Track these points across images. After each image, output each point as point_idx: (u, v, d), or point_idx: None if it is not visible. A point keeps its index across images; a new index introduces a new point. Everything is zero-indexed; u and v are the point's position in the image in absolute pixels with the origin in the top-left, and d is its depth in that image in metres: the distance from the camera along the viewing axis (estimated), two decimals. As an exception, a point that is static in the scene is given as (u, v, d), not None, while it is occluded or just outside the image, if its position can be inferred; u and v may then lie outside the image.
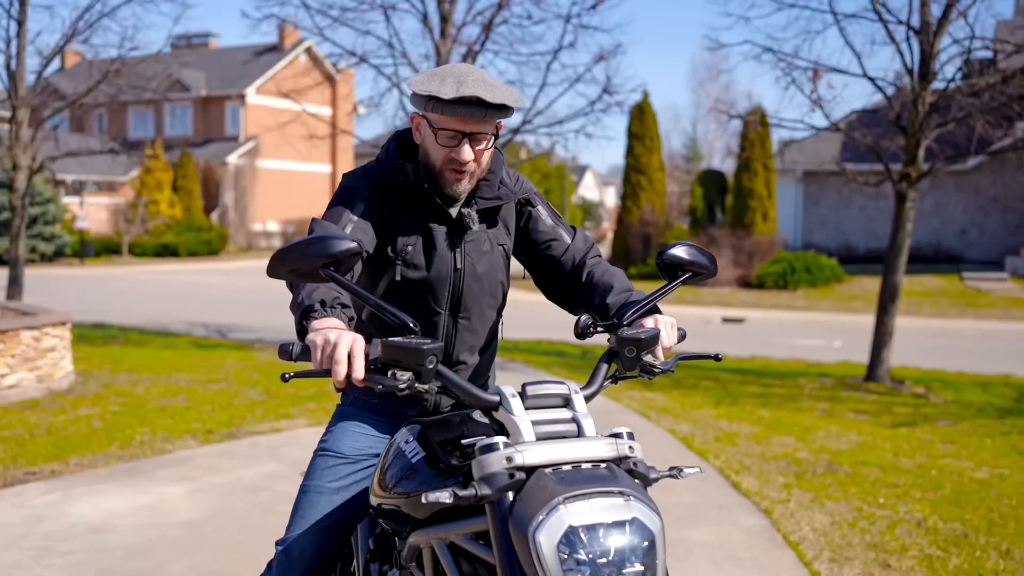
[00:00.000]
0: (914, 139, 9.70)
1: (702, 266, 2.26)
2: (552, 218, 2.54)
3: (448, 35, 11.57)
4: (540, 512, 1.70)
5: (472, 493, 1.75)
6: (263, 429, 6.91)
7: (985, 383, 10.40)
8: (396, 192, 2.36)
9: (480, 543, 1.91)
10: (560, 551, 1.67)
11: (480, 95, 2.17)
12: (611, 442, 1.88)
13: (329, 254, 1.88)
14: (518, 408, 1.88)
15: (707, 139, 47.76)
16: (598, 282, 2.43)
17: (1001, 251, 24.24)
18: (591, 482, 1.76)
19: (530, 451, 1.80)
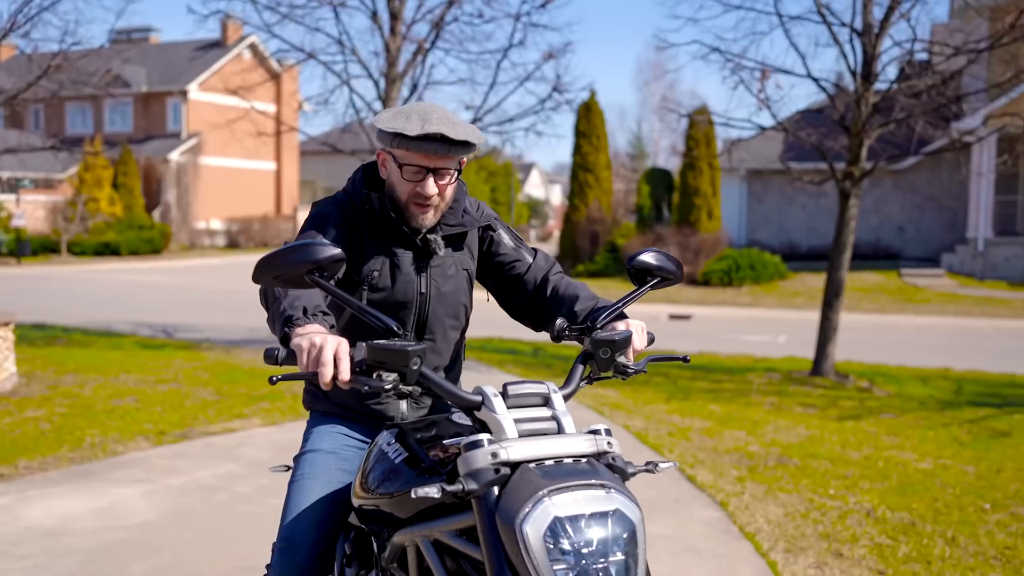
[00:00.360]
0: (857, 139, 9.93)
1: (669, 272, 2.35)
2: (513, 240, 2.65)
3: (398, 33, 11.54)
4: (526, 505, 1.75)
5: (459, 488, 1.80)
6: (217, 430, 6.84)
7: (925, 377, 10.69)
8: (363, 220, 2.45)
9: (464, 539, 1.95)
10: (546, 541, 1.72)
11: (444, 132, 2.27)
12: (591, 438, 1.93)
13: (313, 260, 1.92)
14: (500, 407, 1.93)
15: (652, 137, 48.25)
16: (563, 294, 2.53)
17: (937, 248, 24.88)
18: (573, 476, 1.82)
19: (514, 447, 1.85)
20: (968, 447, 7.04)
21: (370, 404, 2.52)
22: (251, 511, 4.88)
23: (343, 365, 1.88)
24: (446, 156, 2.32)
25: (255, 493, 5.20)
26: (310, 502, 2.40)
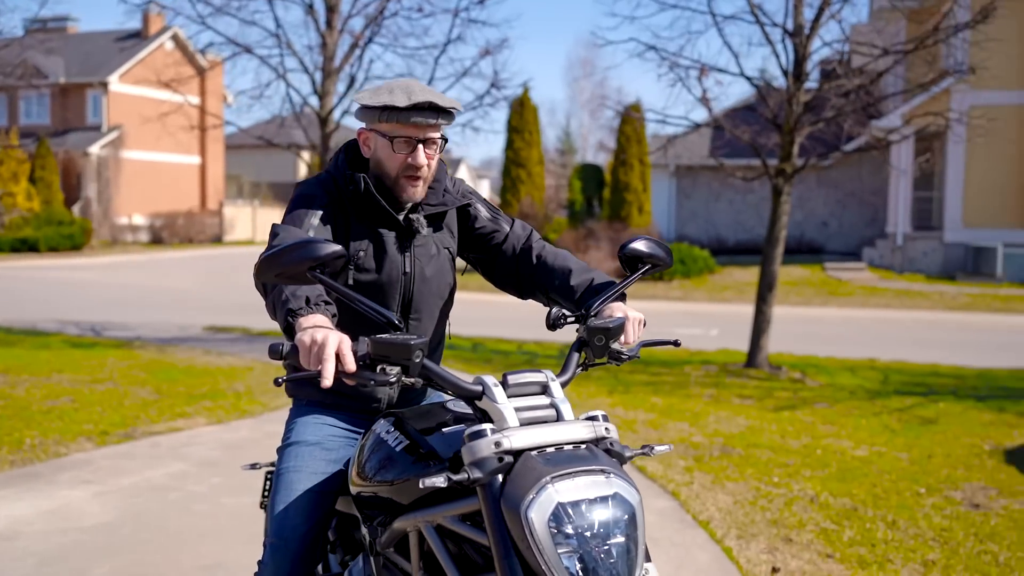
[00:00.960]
0: (789, 136, 10.19)
1: (659, 258, 2.42)
2: (489, 212, 2.69)
3: (335, 26, 11.46)
4: (530, 491, 1.81)
5: (465, 477, 1.85)
6: (161, 429, 6.74)
7: (853, 367, 11.03)
8: (348, 201, 2.47)
9: (467, 524, 2.00)
10: (550, 526, 1.78)
11: (432, 100, 2.34)
12: (589, 425, 2.00)
13: (315, 257, 1.95)
14: (501, 396, 1.98)
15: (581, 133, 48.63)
16: (554, 265, 2.59)
17: (858, 242, 25.65)
18: (574, 462, 1.88)
19: (516, 436, 1.90)
20: (899, 435, 7.31)
21: (359, 388, 2.55)
22: (207, 510, 4.84)
23: (347, 360, 1.90)
24: (434, 126, 2.39)
25: (209, 492, 5.15)
26: (298, 494, 2.42)
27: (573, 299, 2.48)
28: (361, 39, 11.26)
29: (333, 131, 11.62)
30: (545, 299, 2.60)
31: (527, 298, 2.68)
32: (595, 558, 1.79)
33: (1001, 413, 8.23)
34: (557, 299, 2.54)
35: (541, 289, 2.59)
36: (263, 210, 38.46)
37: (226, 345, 11.47)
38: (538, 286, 2.60)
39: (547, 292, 2.57)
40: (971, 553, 4.57)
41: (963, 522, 5.06)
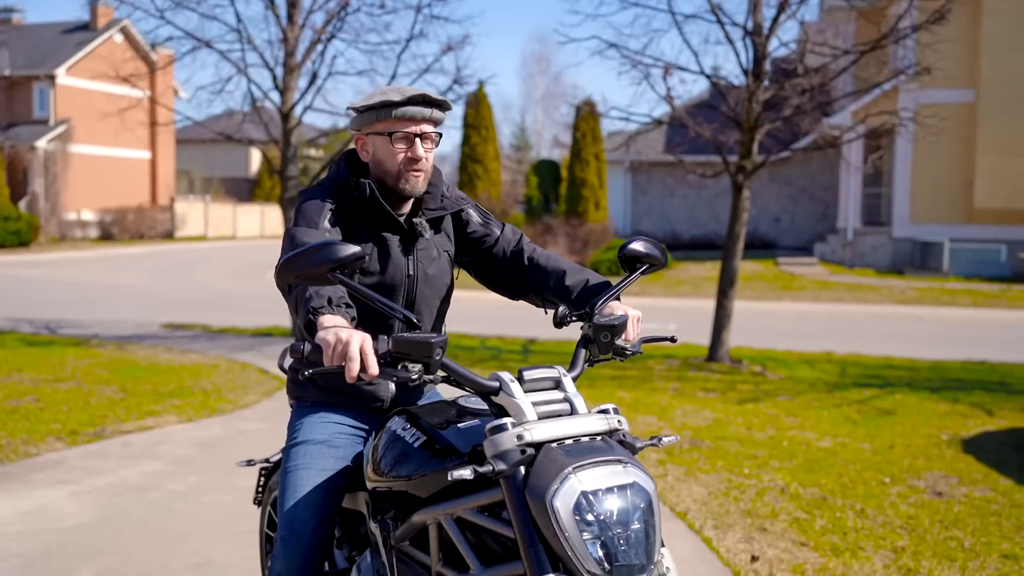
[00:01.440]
0: (750, 134, 10.37)
1: (656, 258, 2.51)
2: (481, 217, 2.78)
3: (296, 21, 11.39)
4: (554, 481, 1.88)
5: (490, 469, 1.91)
6: (131, 427, 6.69)
7: (811, 360, 11.27)
8: (352, 206, 2.54)
9: (486, 515, 2.06)
10: (575, 514, 1.86)
11: (424, 93, 2.47)
12: (603, 417, 2.08)
13: (336, 259, 2.01)
14: (518, 391, 2.05)
15: (535, 129, 48.76)
16: (547, 266, 2.66)
17: (810, 238, 26.11)
18: (593, 453, 1.96)
19: (536, 429, 1.98)
20: (860, 426, 7.50)
21: (362, 387, 2.60)
22: (189, 509, 4.83)
23: (370, 359, 1.96)
24: (429, 120, 2.50)
25: (189, 491, 5.14)
26: (307, 490, 2.47)
27: (569, 298, 2.54)
28: (324, 33, 11.21)
29: (295, 127, 11.56)
30: (539, 299, 2.67)
31: (518, 299, 2.75)
32: (616, 543, 1.87)
33: (955, 404, 8.47)
34: (552, 299, 2.60)
35: (535, 290, 2.66)
36: (215, 205, 37.99)
37: (187, 343, 11.37)
38: (531, 287, 2.66)
39: (541, 292, 2.64)
40: (938, 539, 4.73)
41: (928, 510, 5.23)
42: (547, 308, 2.63)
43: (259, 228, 40.04)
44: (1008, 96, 21.44)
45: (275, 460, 3.21)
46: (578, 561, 1.85)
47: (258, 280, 22.33)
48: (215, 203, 38.28)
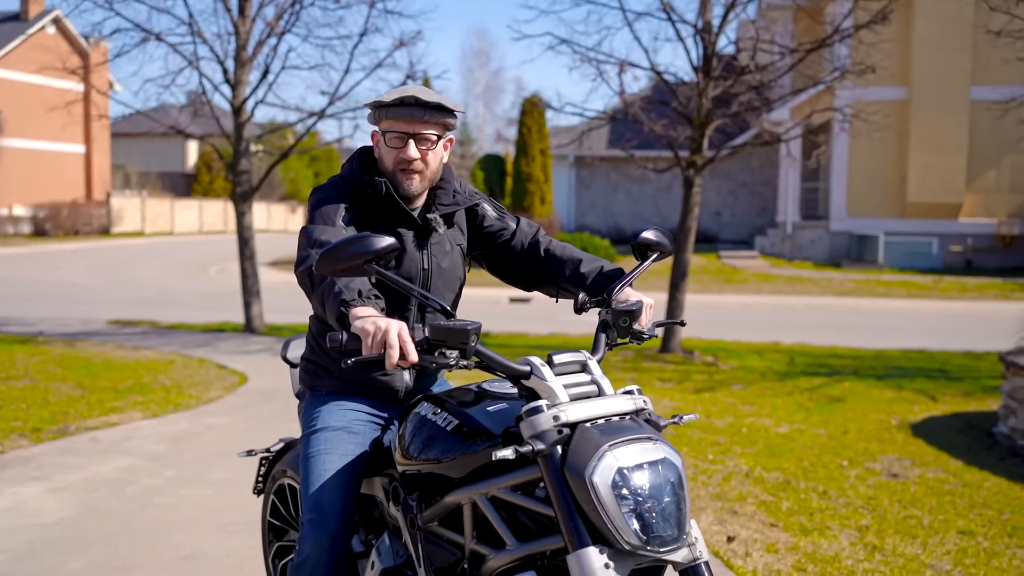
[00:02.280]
0: (700, 130, 10.59)
1: (666, 246, 2.62)
2: (496, 211, 2.85)
3: (247, 14, 11.31)
4: (592, 459, 1.99)
5: (529, 449, 2.00)
6: (96, 424, 6.62)
7: (760, 350, 11.56)
8: (367, 203, 2.61)
9: (519, 493, 2.16)
10: (613, 489, 1.96)
11: (417, 95, 2.51)
12: (629, 398, 2.18)
13: (373, 251, 2.08)
14: (549, 375, 2.14)
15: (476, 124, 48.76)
16: (562, 256, 2.75)
17: (750, 231, 26.65)
18: (625, 431, 2.07)
19: (570, 409, 2.08)
20: (814, 412, 7.75)
21: (377, 377, 2.67)
22: (170, 503, 4.83)
23: (409, 346, 2.04)
24: (423, 121, 2.53)
25: (167, 485, 5.13)
26: (331, 474, 2.53)
27: (584, 286, 2.64)
28: (276, 27, 11.14)
29: (246, 121, 11.48)
30: (554, 289, 2.75)
31: (532, 290, 2.84)
32: (651, 515, 1.98)
33: (900, 391, 8.80)
34: (567, 287, 2.69)
35: (550, 280, 2.74)
36: (152, 201, 37.28)
37: (137, 339, 11.22)
38: (547, 277, 2.75)
39: (557, 282, 2.72)
40: (898, 518, 4.95)
41: (886, 491, 5.46)
42: (561, 297, 2.72)
43: (198, 224, 39.40)
44: (938, 94, 22.15)
45: (276, 449, 3.26)
46: (617, 533, 1.95)
47: (201, 276, 22.05)
48: (152, 198, 37.55)
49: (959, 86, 22.16)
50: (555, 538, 2.09)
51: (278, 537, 3.19)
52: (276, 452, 3.24)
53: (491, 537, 2.22)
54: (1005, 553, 4.45)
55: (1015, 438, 6.59)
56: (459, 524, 2.30)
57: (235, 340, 11.20)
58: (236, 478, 5.26)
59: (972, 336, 13.18)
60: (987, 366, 10.40)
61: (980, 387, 9.03)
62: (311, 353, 2.78)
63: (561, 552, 2.10)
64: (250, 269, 11.74)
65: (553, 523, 2.11)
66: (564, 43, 10.95)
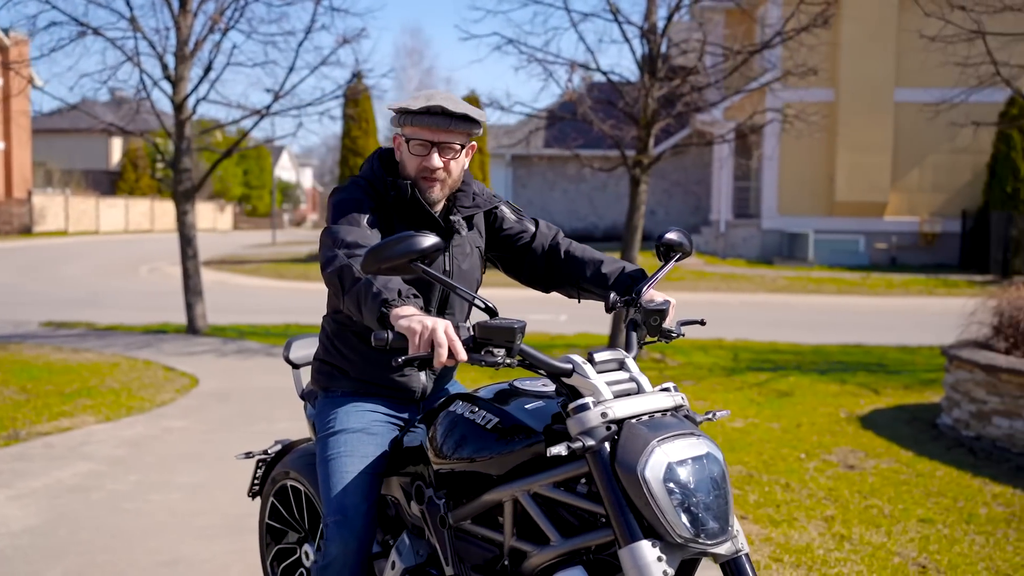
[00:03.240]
0: (646, 129, 10.73)
1: (687, 247, 2.67)
2: (514, 214, 2.86)
3: (188, 9, 11.10)
4: (642, 454, 2.02)
5: (580, 445, 2.03)
6: (47, 429, 6.44)
7: (704, 347, 11.76)
8: (390, 205, 2.60)
9: (561, 489, 2.18)
10: (665, 483, 2.00)
11: (444, 105, 2.50)
12: (669, 394, 2.22)
13: (419, 249, 2.09)
14: (592, 373, 2.17)
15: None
16: (583, 257, 2.77)
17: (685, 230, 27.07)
18: (670, 427, 2.10)
19: (616, 406, 2.11)
20: (765, 407, 7.93)
21: (395, 378, 2.67)
22: (139, 508, 4.73)
23: (457, 345, 2.05)
24: (448, 130, 2.53)
25: (133, 491, 5.03)
26: (353, 475, 2.53)
27: (607, 286, 2.67)
28: (219, 21, 10.95)
29: (188, 118, 11.27)
30: (575, 290, 2.77)
31: (552, 291, 2.85)
32: (700, 509, 2.03)
33: (843, 384, 9.05)
34: (589, 288, 2.71)
35: (571, 281, 2.76)
36: (76, 199, 36.26)
37: (75, 341, 10.92)
38: (567, 279, 2.77)
39: (578, 283, 2.74)
40: (860, 508, 5.11)
41: (845, 482, 5.63)
42: (583, 298, 2.75)
43: (124, 223, 38.45)
44: (864, 96, 22.79)
45: (274, 451, 3.23)
46: (669, 526, 1.99)
47: (132, 276, 21.54)
48: (76, 197, 36.52)
49: (884, 88, 22.84)
50: (600, 533, 2.12)
51: (277, 540, 3.17)
52: (274, 455, 3.21)
53: (532, 533, 2.24)
54: (965, 540, 4.63)
55: (959, 429, 6.84)
56: (494, 521, 2.32)
57: (179, 341, 10.98)
58: (204, 481, 5.18)
59: (903, 331, 13.61)
60: (921, 360, 10.76)
61: (918, 380, 9.34)
62: (325, 354, 2.77)
63: (605, 547, 2.13)
64: (192, 269, 11.53)
65: (596, 518, 2.14)
66: (511, 43, 10.99)
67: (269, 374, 8.80)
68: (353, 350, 2.68)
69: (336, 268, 2.31)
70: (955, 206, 23.52)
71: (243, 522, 4.49)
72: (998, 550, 4.48)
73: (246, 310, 14.79)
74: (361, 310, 2.23)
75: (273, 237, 37.53)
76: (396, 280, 2.23)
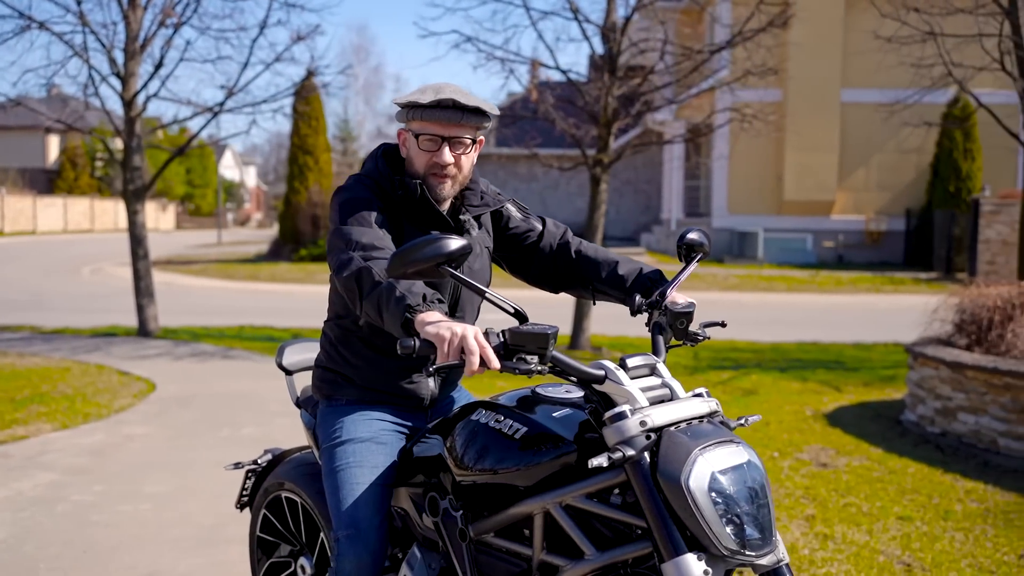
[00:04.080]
0: (607, 128, 10.72)
1: (707, 247, 2.60)
2: (521, 213, 2.76)
3: (138, 3, 10.80)
4: (685, 463, 1.94)
5: (621, 456, 1.95)
6: (2, 437, 6.19)
7: (663, 345, 11.78)
8: (397, 204, 2.50)
9: (595, 500, 2.10)
10: (710, 493, 1.93)
11: (456, 99, 2.40)
12: (703, 400, 2.15)
13: (447, 252, 2.01)
14: (626, 379, 2.09)
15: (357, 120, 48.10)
16: (596, 257, 2.68)
17: (636, 228, 27.21)
18: (710, 435, 2.03)
19: (654, 414, 2.03)
20: (730, 405, 7.95)
21: (403, 385, 2.57)
22: (109, 520, 4.55)
23: (489, 352, 1.96)
24: (459, 124, 2.43)
25: (100, 501, 4.83)
26: (364, 487, 2.43)
27: (624, 287, 2.58)
28: (171, 15, 10.67)
29: (138, 115, 10.97)
30: (589, 291, 2.68)
31: (561, 291, 2.76)
32: (745, 519, 1.96)
33: (805, 382, 9.12)
34: (605, 289, 2.62)
35: (583, 282, 2.67)
36: (12, 198, 35.25)
37: (20, 345, 10.56)
38: (580, 279, 2.68)
39: (592, 284, 2.65)
40: (839, 507, 5.13)
41: (820, 480, 5.64)
42: (598, 299, 2.66)
43: (63, 223, 37.50)
44: (811, 96, 23.11)
45: (264, 462, 3.11)
46: (715, 538, 1.92)
47: (74, 277, 20.97)
48: (11, 195, 35.51)
49: (831, 89, 23.18)
50: (637, 545, 2.05)
51: (269, 554, 3.04)
52: (264, 465, 3.09)
53: (563, 547, 2.15)
54: (945, 537, 4.66)
55: (924, 425, 6.92)
56: (519, 534, 2.23)
57: (130, 344, 10.68)
58: (174, 490, 5.01)
59: (855, 328, 13.82)
60: (878, 356, 10.92)
61: (878, 377, 9.45)
62: (328, 361, 2.65)
63: (643, 560, 2.06)
64: (144, 269, 11.23)
65: (631, 530, 2.07)
66: (469, 41, 10.90)
67: (229, 378, 8.60)
68: (359, 356, 2.58)
69: (353, 271, 2.21)
70: (900, 205, 23.98)
71: (219, 533, 4.34)
72: (979, 547, 4.52)
73: (197, 312, 14.47)
74: (382, 315, 2.13)
75: (219, 237, 36.89)
76: (419, 284, 2.14)
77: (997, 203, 19.78)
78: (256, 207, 69.40)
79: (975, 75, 10.14)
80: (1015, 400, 6.05)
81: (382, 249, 2.28)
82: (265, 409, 7.21)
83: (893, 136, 22.83)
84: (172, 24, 10.65)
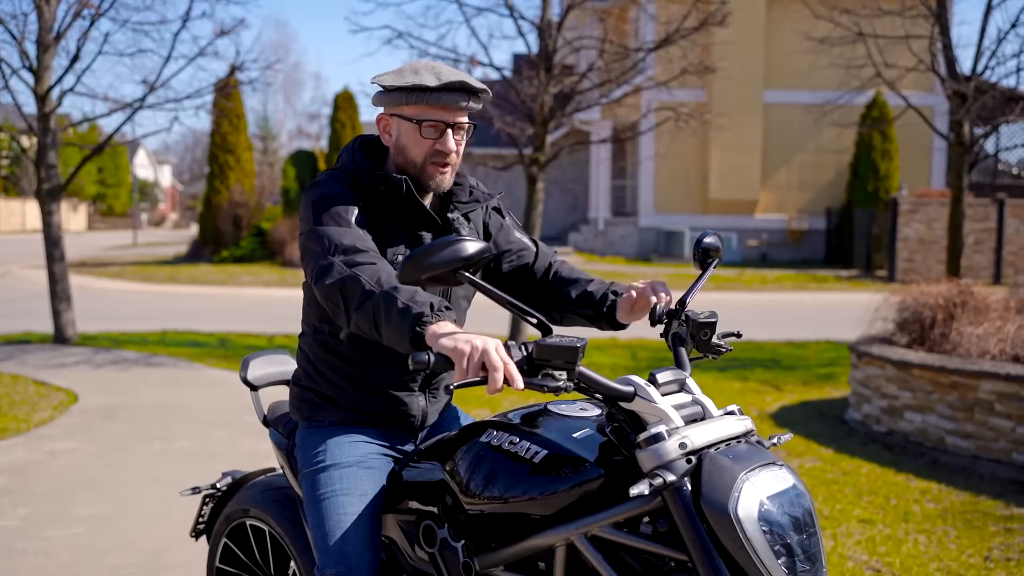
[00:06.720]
0: (543, 127, 10.59)
1: (722, 252, 2.44)
2: (516, 228, 2.56)
3: (53, -6, 10.27)
4: (732, 489, 1.76)
5: (661, 482, 1.77)
6: (-88, 457, 5.74)
7: (601, 346, 11.71)
8: (379, 201, 2.28)
9: (624, 530, 1.91)
10: (759, 523, 1.76)
11: (463, 80, 2.20)
12: (737, 418, 1.97)
13: (465, 256, 1.83)
14: (657, 396, 1.91)
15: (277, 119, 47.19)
16: (567, 276, 2.49)
17: (563, 227, 27.20)
18: (752, 457, 1.85)
19: (693, 434, 1.85)
20: (676, 407, 7.88)
21: (391, 405, 2.35)
22: (37, 547, 4.20)
23: (512, 368, 1.76)
24: (463, 109, 2.24)
25: (26, 526, 4.47)
26: (353, 518, 2.21)
27: (590, 304, 2.40)
28: (88, 6, 10.16)
29: (53, 110, 10.44)
30: (559, 313, 2.48)
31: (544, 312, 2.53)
32: (795, 550, 1.79)
33: (745, 382, 9.12)
34: (575, 310, 2.44)
35: (558, 304, 2.47)
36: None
37: (-74, 355, 9.95)
38: (557, 299, 2.48)
39: (565, 305, 2.46)
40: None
41: (777, 483, 5.58)
42: (565, 322, 2.47)
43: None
44: (734, 97, 23.40)
45: (223, 486, 2.85)
46: (766, 572, 1.75)
47: (-19, 281, 20.00)
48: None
49: (754, 89, 23.51)
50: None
51: (229, 586, 2.79)
52: (223, 490, 2.83)
53: None
54: (908, 539, 4.63)
55: (869, 424, 6.94)
56: (532, 568, 2.03)
57: (45, 352, 10.14)
58: (107, 512, 4.68)
59: (784, 326, 13.97)
60: (812, 355, 11.02)
61: (815, 375, 9.52)
62: (307, 380, 2.41)
63: None
64: (60, 272, 10.68)
65: (664, 562, 1.89)
66: (402, 37, 10.66)
67: (155, 387, 8.19)
68: (342, 375, 2.34)
69: (337, 280, 2.00)
70: (820, 204, 24.46)
71: (161, 558, 4.05)
72: (943, 549, 4.49)
73: (115, 316, 13.89)
74: (379, 329, 1.92)
75: (135, 238, 35.74)
76: (421, 292, 1.93)
77: (914, 202, 20.31)
78: (171, 207, 67.63)
79: (903, 76, 10.31)
80: (962, 398, 6.08)
81: (366, 252, 2.08)
82: (198, 420, 6.86)
83: (814, 136, 23.27)
84: (89, 15, 10.15)
